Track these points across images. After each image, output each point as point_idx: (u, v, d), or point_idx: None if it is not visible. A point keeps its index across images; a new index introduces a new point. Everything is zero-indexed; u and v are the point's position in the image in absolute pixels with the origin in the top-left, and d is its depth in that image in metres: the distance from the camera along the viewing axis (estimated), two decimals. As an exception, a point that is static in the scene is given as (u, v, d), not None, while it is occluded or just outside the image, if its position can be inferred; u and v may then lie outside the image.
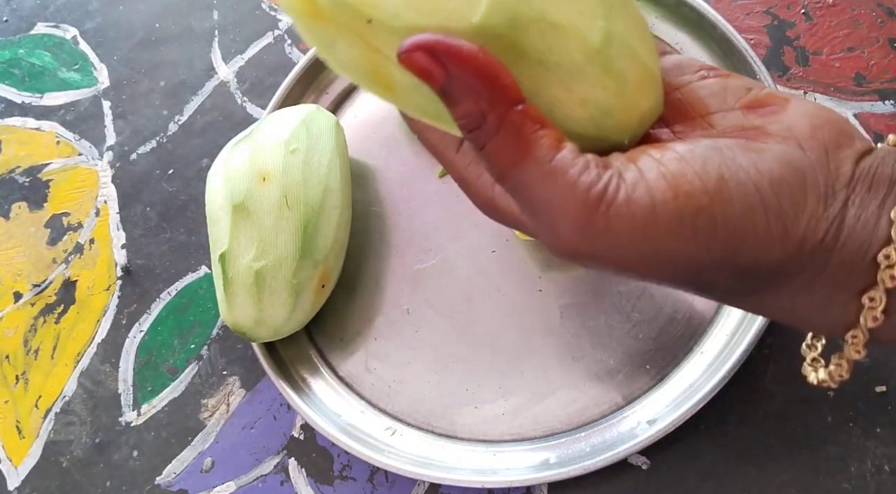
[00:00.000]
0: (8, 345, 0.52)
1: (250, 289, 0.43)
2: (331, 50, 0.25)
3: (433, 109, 0.25)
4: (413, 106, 0.25)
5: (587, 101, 0.25)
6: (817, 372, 0.29)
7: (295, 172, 0.44)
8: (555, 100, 0.24)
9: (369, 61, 0.24)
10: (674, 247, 0.23)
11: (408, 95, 0.25)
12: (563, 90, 0.24)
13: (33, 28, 0.64)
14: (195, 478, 0.46)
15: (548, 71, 0.24)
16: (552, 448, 0.41)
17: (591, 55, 0.24)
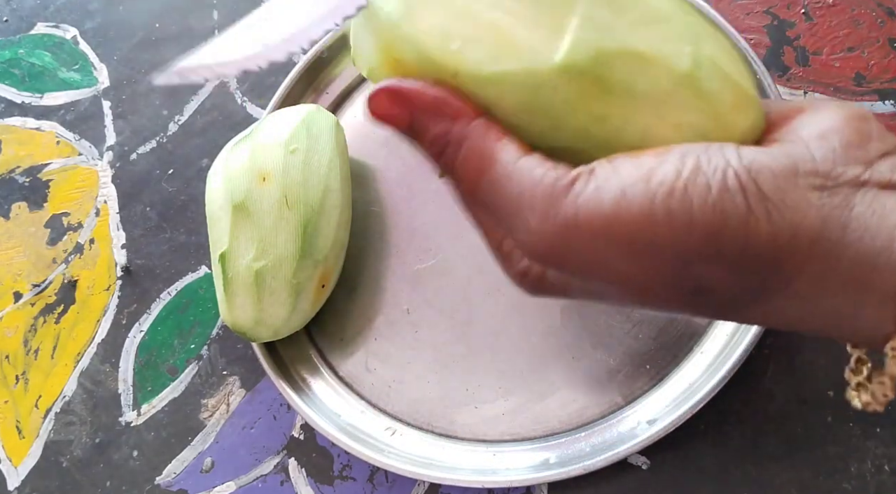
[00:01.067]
0: (8, 345, 0.52)
1: (250, 289, 0.43)
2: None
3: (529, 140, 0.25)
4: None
5: (681, 126, 0.24)
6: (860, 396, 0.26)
7: (295, 172, 0.44)
8: (647, 128, 0.24)
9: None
10: (650, 234, 0.22)
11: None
12: (655, 118, 0.24)
13: (33, 28, 0.64)
14: (195, 478, 0.46)
15: (636, 100, 0.24)
16: (552, 448, 0.41)
17: (681, 79, 0.24)
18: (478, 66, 0.24)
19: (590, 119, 0.24)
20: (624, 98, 0.24)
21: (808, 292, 0.22)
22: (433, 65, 0.24)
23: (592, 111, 0.24)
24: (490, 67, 0.24)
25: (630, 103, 0.24)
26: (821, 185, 0.22)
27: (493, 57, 0.24)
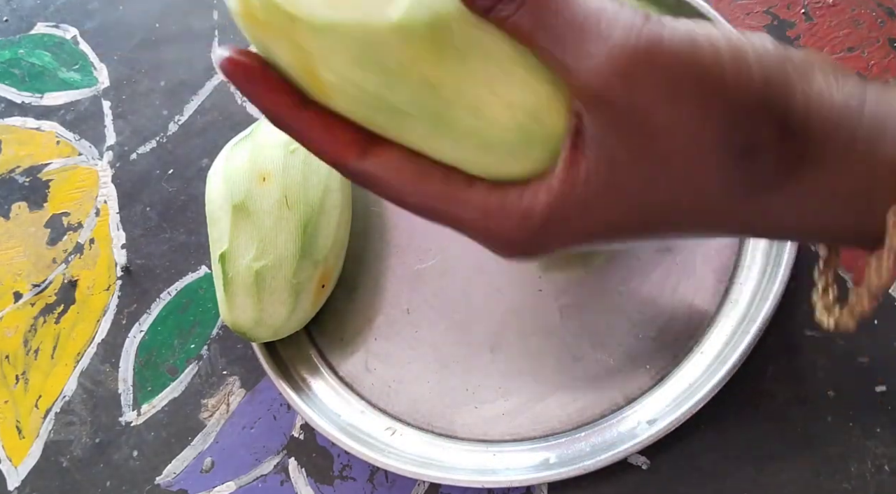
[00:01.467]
0: (8, 345, 0.52)
1: (250, 289, 0.43)
2: (271, 54, 0.25)
3: (365, 110, 0.25)
4: (344, 107, 0.25)
5: (514, 105, 0.24)
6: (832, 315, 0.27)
7: (295, 172, 0.44)
8: (479, 103, 0.24)
9: (301, 61, 0.24)
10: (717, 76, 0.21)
11: (337, 94, 0.24)
12: (488, 92, 0.23)
13: (33, 28, 0.64)
14: (195, 478, 0.46)
15: (471, 72, 0.23)
16: (552, 448, 0.41)
17: (519, 56, 0.24)
18: (312, 13, 0.23)
19: (422, 85, 0.23)
20: (458, 67, 0.23)
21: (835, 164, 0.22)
22: (274, 8, 0.24)
23: (426, 77, 0.23)
24: (325, 15, 0.23)
25: (464, 74, 0.23)
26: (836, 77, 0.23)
27: (329, 4, 0.23)
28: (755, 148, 0.22)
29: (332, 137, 0.25)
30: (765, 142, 0.22)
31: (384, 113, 0.24)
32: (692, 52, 0.21)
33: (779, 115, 0.22)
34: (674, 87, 0.21)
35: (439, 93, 0.24)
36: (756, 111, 0.22)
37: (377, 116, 0.25)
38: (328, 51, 0.23)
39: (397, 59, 0.23)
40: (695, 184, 0.23)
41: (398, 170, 0.25)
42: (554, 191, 0.24)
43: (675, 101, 0.22)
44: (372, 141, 0.25)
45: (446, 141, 0.25)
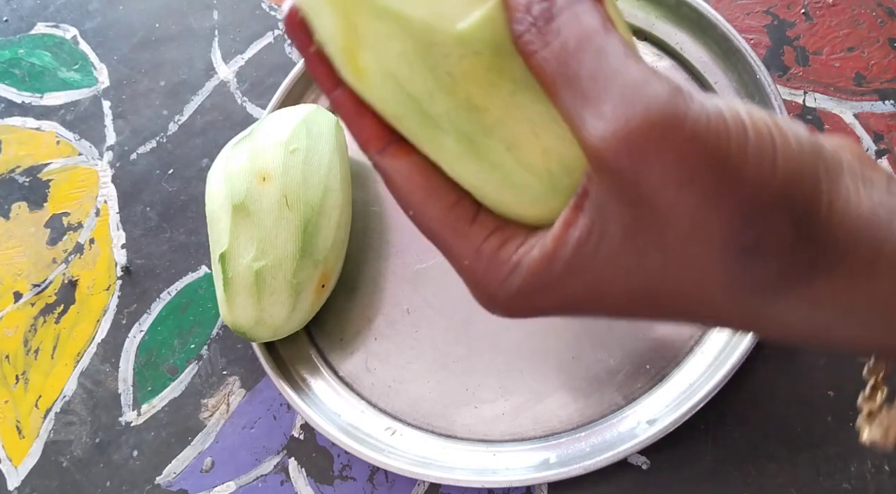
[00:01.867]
0: (8, 345, 0.52)
1: (250, 289, 0.43)
2: (317, 15, 0.24)
3: (396, 108, 0.24)
4: (375, 97, 0.24)
5: (549, 153, 0.23)
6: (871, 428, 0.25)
7: (295, 172, 0.44)
8: (516, 140, 0.23)
9: (347, 37, 0.23)
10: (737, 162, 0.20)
11: (374, 83, 0.24)
12: (530, 131, 0.23)
13: (33, 28, 0.64)
14: (195, 478, 0.46)
15: (519, 106, 0.23)
16: (552, 448, 0.41)
17: None
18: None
19: (465, 104, 0.23)
20: (507, 98, 0.23)
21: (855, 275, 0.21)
22: None
23: (472, 97, 0.23)
24: (391, 4, 0.22)
25: (511, 107, 0.23)
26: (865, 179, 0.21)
27: None
28: (762, 247, 0.21)
29: (360, 121, 0.25)
30: (774, 243, 0.21)
31: (415, 117, 0.24)
32: (716, 136, 0.20)
33: (796, 219, 0.20)
34: (686, 170, 0.20)
35: (480, 117, 0.23)
36: (771, 211, 0.20)
37: (405, 117, 0.24)
38: (382, 38, 0.22)
39: (449, 70, 0.22)
40: (689, 271, 0.22)
41: (409, 179, 0.25)
42: (546, 248, 0.23)
43: (685, 185, 0.20)
44: (394, 139, 0.25)
45: (470, 165, 0.24)
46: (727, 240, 0.21)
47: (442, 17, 0.22)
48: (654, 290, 0.22)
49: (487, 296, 0.25)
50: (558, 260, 0.23)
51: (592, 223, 0.22)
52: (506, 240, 0.24)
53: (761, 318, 0.22)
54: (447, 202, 0.24)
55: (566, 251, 0.22)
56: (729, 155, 0.20)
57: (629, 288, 0.22)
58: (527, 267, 0.23)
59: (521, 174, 0.23)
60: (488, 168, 0.24)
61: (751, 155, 0.20)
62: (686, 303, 0.22)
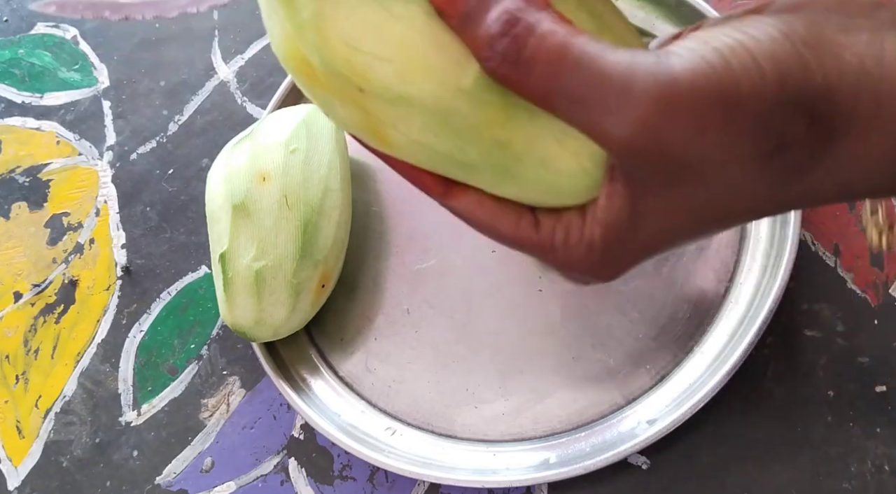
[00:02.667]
0: (8, 345, 0.52)
1: (250, 289, 0.43)
2: (330, 109, 0.26)
3: (429, 162, 0.26)
4: (410, 158, 0.26)
5: (580, 154, 0.24)
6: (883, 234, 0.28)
7: (295, 172, 0.44)
8: (547, 155, 0.25)
9: (366, 122, 0.25)
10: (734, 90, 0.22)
11: (405, 150, 0.25)
12: (556, 145, 0.24)
13: (33, 28, 0.64)
14: (195, 478, 0.46)
15: (539, 127, 0.24)
16: (552, 448, 0.41)
17: None
18: (385, 86, 0.23)
19: (493, 144, 0.24)
20: (526, 125, 0.24)
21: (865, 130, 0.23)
22: (339, 75, 0.24)
23: (496, 137, 0.24)
24: (398, 88, 0.23)
25: (532, 131, 0.24)
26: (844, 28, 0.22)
27: (401, 77, 0.23)
28: (786, 143, 0.23)
29: (418, 176, 0.28)
30: (793, 135, 0.22)
31: (451, 167, 0.26)
32: (706, 78, 0.22)
33: (802, 106, 0.22)
34: (699, 120, 0.22)
35: (509, 150, 0.24)
36: (779, 111, 0.22)
37: (445, 168, 0.26)
38: (401, 119, 0.24)
39: (469, 124, 0.24)
40: (733, 189, 0.24)
41: (475, 213, 0.28)
42: (602, 221, 0.25)
43: (703, 132, 0.22)
44: (450, 182, 0.27)
45: (513, 188, 0.26)
46: (755, 153, 0.23)
47: (445, 85, 0.23)
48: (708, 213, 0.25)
49: (582, 274, 0.28)
50: (618, 224, 0.25)
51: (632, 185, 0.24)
52: (568, 230, 0.27)
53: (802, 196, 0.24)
54: (511, 221, 0.27)
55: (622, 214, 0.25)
56: (723, 88, 0.22)
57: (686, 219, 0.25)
58: (598, 243, 0.26)
59: (560, 180, 0.25)
60: (531, 185, 0.26)
61: (739, 76, 0.22)
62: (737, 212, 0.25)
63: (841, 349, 0.40)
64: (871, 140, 0.23)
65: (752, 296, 0.41)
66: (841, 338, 0.40)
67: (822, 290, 0.41)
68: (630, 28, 0.26)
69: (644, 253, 0.27)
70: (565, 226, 0.27)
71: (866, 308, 0.40)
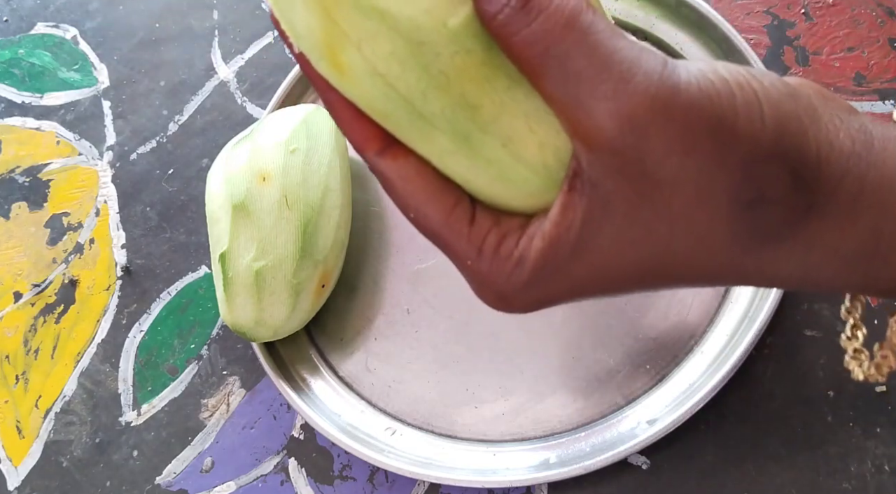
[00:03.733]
0: (8, 345, 0.52)
1: (250, 289, 0.43)
2: (288, 11, 0.22)
3: (385, 106, 0.23)
4: (360, 95, 0.23)
5: (546, 146, 0.23)
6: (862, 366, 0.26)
7: (295, 172, 0.44)
8: (511, 134, 0.22)
9: (327, 34, 0.22)
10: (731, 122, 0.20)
11: (359, 82, 0.22)
12: (525, 126, 0.22)
13: (33, 28, 0.64)
14: (195, 478, 0.46)
15: (514, 101, 0.22)
16: (552, 448, 0.41)
17: None
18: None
19: (459, 101, 0.22)
20: (502, 94, 0.22)
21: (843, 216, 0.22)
22: None
23: (466, 94, 0.22)
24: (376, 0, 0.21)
25: (506, 102, 0.22)
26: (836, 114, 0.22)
27: None
28: (764, 198, 0.21)
29: (357, 120, 0.24)
30: (775, 193, 0.21)
31: (405, 116, 0.23)
32: (708, 100, 0.20)
33: (792, 166, 0.21)
34: (688, 138, 0.20)
35: (475, 114, 0.22)
36: (769, 162, 0.21)
37: (394, 115, 0.23)
38: (368, 36, 0.21)
39: (443, 68, 0.22)
40: (697, 234, 0.22)
41: (409, 181, 0.24)
42: (547, 235, 0.23)
43: (688, 153, 0.21)
44: (392, 141, 0.24)
45: (464, 161, 0.23)
46: (731, 197, 0.21)
47: (431, 15, 0.21)
48: (662, 259, 0.22)
49: (496, 295, 0.25)
50: (562, 244, 0.22)
51: (591, 202, 0.22)
52: (504, 236, 0.24)
53: (762, 269, 0.23)
54: (447, 205, 0.24)
55: (570, 235, 0.22)
56: (723, 116, 0.20)
57: (637, 260, 0.22)
58: (532, 259, 0.23)
59: (518, 169, 0.23)
60: (483, 164, 0.23)
61: (740, 111, 0.21)
62: (693, 267, 0.23)
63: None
64: (844, 229, 0.22)
65: (751, 296, 0.41)
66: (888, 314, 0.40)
67: (822, 290, 0.41)
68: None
69: (573, 289, 0.24)
70: (502, 232, 0.24)
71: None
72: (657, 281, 0.24)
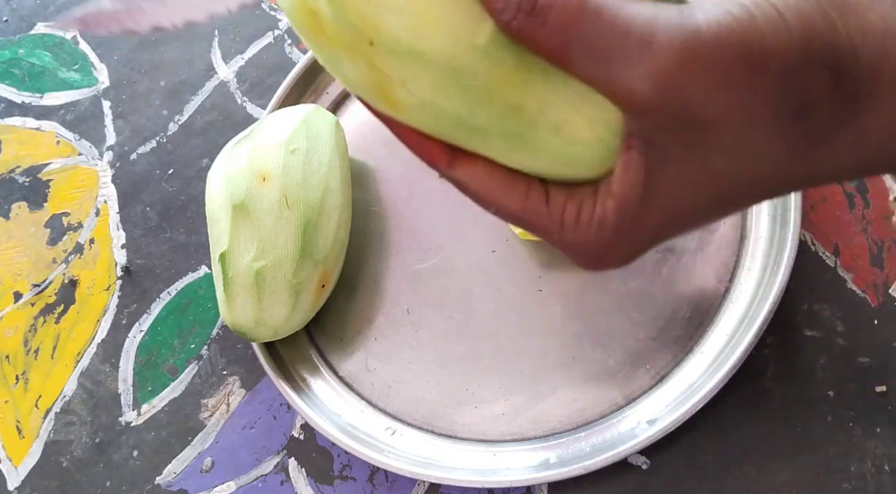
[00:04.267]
0: (8, 345, 0.52)
1: (250, 289, 0.43)
2: (337, 66, 0.25)
3: (437, 126, 0.25)
4: (418, 122, 0.25)
5: (595, 121, 0.24)
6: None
7: (295, 172, 0.44)
8: (560, 121, 0.24)
9: (374, 80, 0.24)
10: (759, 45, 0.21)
11: (413, 113, 0.24)
12: (570, 111, 0.24)
13: (33, 28, 0.64)
14: (195, 478, 0.46)
15: (554, 92, 0.23)
16: (552, 448, 0.41)
17: None
18: (396, 39, 0.22)
19: (506, 107, 0.23)
20: (541, 89, 0.23)
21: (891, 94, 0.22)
22: (349, 27, 0.23)
23: (509, 99, 0.23)
24: (409, 42, 0.22)
25: (547, 95, 0.23)
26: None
27: (413, 31, 0.22)
28: (809, 102, 0.22)
29: (423, 143, 0.26)
30: (818, 95, 0.22)
31: (460, 131, 0.24)
32: (730, 32, 0.21)
33: (828, 64, 0.22)
34: (723, 74, 0.21)
35: (521, 114, 0.24)
36: (804, 68, 0.22)
37: (451, 133, 0.25)
38: (410, 75, 0.23)
39: (482, 84, 0.23)
40: (754, 156, 0.23)
41: (482, 182, 0.26)
42: (617, 194, 0.24)
43: (726, 87, 0.21)
44: (456, 152, 0.26)
45: (524, 156, 0.25)
46: (776, 112, 0.22)
47: (460, 41, 0.22)
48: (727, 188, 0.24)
49: (591, 258, 0.26)
50: (632, 198, 0.24)
51: (649, 155, 0.23)
52: (580, 205, 0.25)
53: (824, 168, 0.24)
54: (520, 193, 0.26)
55: (636, 188, 0.24)
56: (748, 41, 0.21)
57: (705, 194, 0.24)
58: (610, 218, 0.25)
59: (574, 149, 0.24)
60: (541, 154, 0.25)
61: (764, 29, 0.21)
62: (758, 186, 0.24)
63: (841, 349, 0.40)
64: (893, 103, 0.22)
65: (752, 296, 0.41)
66: (841, 338, 0.40)
67: (822, 290, 0.41)
68: None
69: (657, 234, 0.25)
70: (577, 201, 0.25)
71: (866, 308, 0.40)
72: (729, 208, 0.25)
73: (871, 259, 0.41)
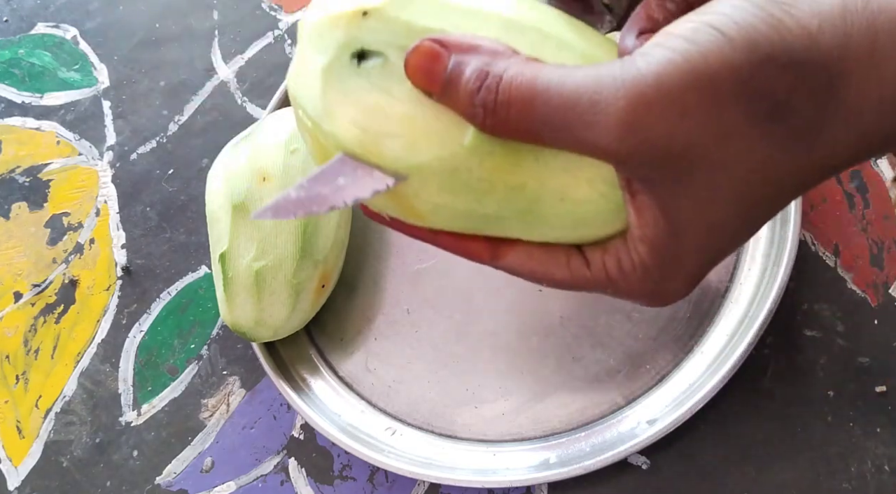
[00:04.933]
0: (8, 345, 0.52)
1: (250, 289, 0.43)
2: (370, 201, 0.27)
3: (457, 223, 0.27)
4: (442, 224, 0.28)
5: (594, 179, 0.25)
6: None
7: (295, 172, 0.44)
8: (562, 188, 0.26)
9: (394, 199, 0.27)
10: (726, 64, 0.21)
11: (434, 217, 0.27)
12: (568, 177, 0.25)
13: (33, 28, 0.64)
14: (195, 478, 0.46)
15: (546, 166, 0.25)
16: (552, 448, 0.41)
17: None
18: (396, 160, 0.25)
19: (508, 191, 0.26)
20: (534, 165, 0.25)
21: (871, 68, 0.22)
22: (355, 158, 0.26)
23: (509, 183, 0.25)
24: (408, 160, 0.25)
25: (541, 169, 0.25)
26: None
27: (408, 149, 0.25)
28: (780, 103, 0.22)
29: (464, 247, 0.28)
30: (784, 93, 0.22)
31: (480, 221, 0.27)
32: (673, 66, 0.22)
33: (782, 62, 0.22)
34: (677, 105, 0.22)
35: (524, 193, 0.26)
36: (757, 73, 0.22)
37: (474, 225, 0.27)
38: (417, 188, 0.26)
39: (480, 176, 0.25)
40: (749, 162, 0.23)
41: (525, 265, 0.28)
42: (643, 238, 0.25)
43: (683, 115, 0.22)
44: (496, 243, 0.28)
45: (545, 228, 0.27)
46: (750, 120, 0.22)
47: (449, 146, 0.25)
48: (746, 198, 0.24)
49: (651, 299, 0.27)
50: (660, 237, 0.25)
51: (653, 193, 0.24)
52: (618, 258, 0.27)
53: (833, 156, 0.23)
54: (562, 265, 0.28)
55: (659, 227, 0.25)
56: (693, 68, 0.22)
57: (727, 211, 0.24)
58: (649, 261, 0.26)
59: (584, 210, 0.26)
60: (557, 222, 0.27)
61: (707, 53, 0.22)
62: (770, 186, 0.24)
63: (841, 349, 0.40)
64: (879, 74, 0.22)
65: (752, 296, 0.41)
66: (841, 338, 0.40)
67: (822, 290, 0.41)
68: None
69: (703, 258, 0.26)
70: (614, 256, 0.27)
71: (866, 308, 0.40)
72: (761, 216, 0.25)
73: (871, 259, 0.41)
